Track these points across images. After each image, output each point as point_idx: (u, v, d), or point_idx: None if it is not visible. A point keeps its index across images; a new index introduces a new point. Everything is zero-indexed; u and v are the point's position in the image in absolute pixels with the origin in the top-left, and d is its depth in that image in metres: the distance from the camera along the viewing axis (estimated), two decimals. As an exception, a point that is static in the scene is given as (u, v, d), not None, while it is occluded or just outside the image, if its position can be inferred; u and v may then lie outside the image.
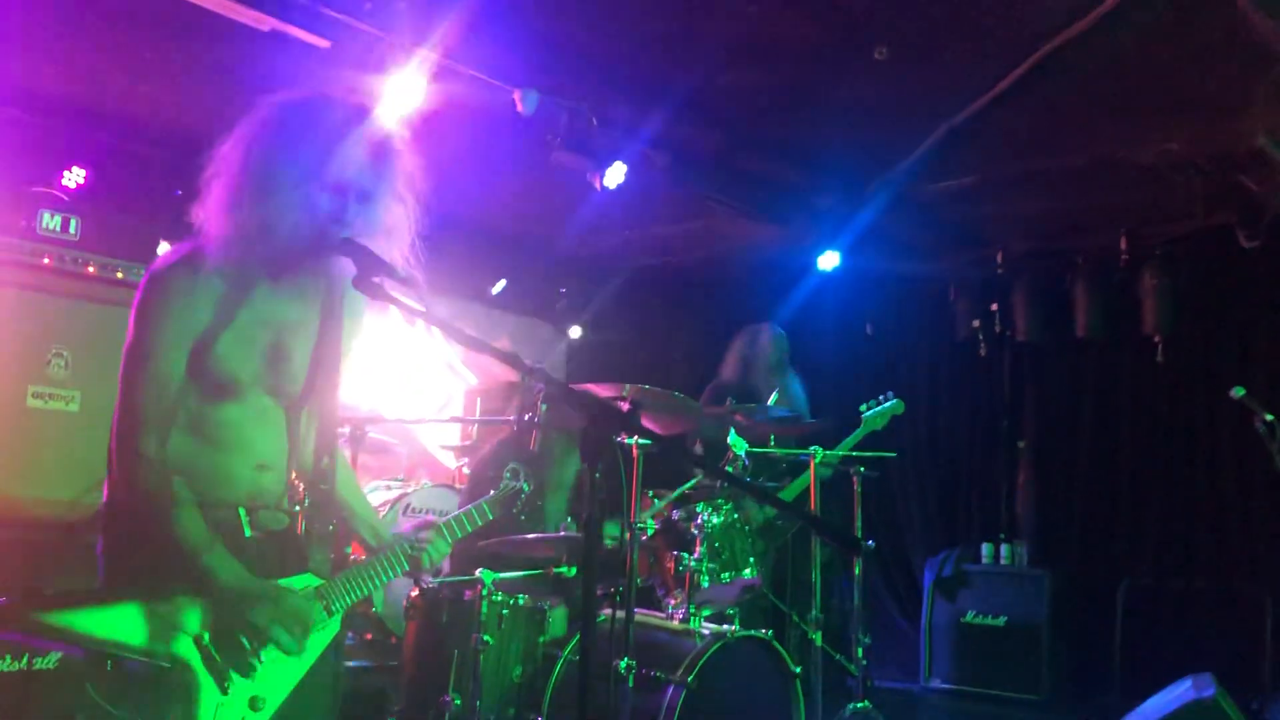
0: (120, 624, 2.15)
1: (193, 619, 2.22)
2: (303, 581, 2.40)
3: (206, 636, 2.22)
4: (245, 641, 2.25)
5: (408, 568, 2.62)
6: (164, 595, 2.20)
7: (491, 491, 2.98)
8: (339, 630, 2.48)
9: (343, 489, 2.57)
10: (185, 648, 2.21)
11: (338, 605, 2.44)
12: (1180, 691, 4.18)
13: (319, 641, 2.40)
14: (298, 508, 2.43)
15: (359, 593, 2.49)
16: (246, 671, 2.26)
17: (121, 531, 2.32)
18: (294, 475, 2.45)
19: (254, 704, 2.27)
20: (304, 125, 2.35)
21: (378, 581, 2.55)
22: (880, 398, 5.49)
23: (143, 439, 2.26)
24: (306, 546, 2.43)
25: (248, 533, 2.37)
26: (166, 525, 2.24)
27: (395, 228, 2.44)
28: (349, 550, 2.79)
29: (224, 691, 2.23)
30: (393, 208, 2.43)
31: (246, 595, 2.25)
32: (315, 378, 2.46)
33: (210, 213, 2.32)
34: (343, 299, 2.48)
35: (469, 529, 2.79)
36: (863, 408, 5.47)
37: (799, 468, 5.35)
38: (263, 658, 2.28)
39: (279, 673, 2.32)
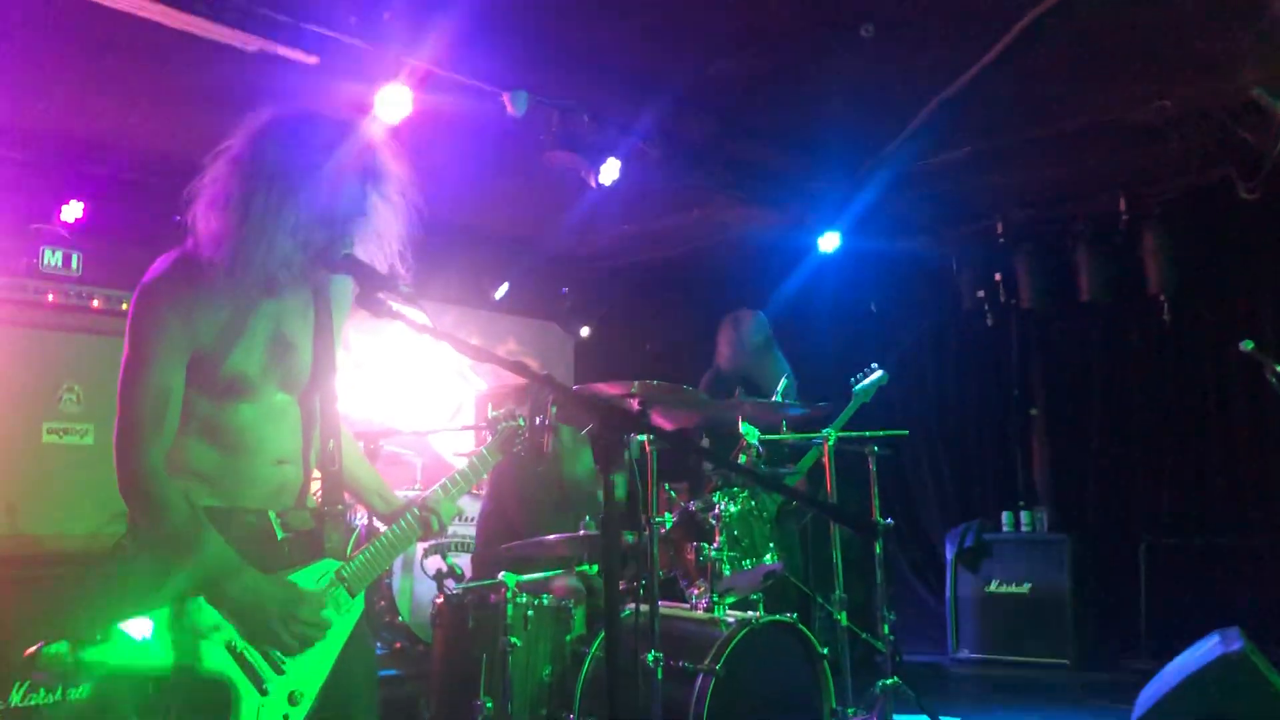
0: (152, 647, 2.15)
1: (222, 623, 2.23)
2: (321, 568, 2.41)
3: (237, 639, 2.23)
4: (271, 641, 2.26)
5: (420, 532, 2.63)
6: (189, 607, 2.21)
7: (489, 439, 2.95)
8: (364, 609, 2.49)
9: (348, 463, 2.59)
10: (219, 657, 2.21)
11: (359, 585, 2.45)
12: (1209, 647, 4.19)
13: (345, 624, 2.41)
14: (319, 499, 2.46)
15: (378, 568, 2.51)
16: (280, 668, 2.27)
17: (143, 552, 2.32)
18: (312, 465, 2.48)
19: (292, 699, 2.28)
20: (295, 142, 2.35)
21: (394, 552, 2.58)
22: (865, 370, 5.50)
23: (145, 449, 2.25)
24: (322, 530, 2.45)
25: (280, 534, 2.39)
26: (175, 532, 2.24)
27: (386, 231, 2.45)
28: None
29: (263, 693, 2.24)
30: (382, 212, 2.44)
31: (263, 598, 2.25)
32: (319, 365, 2.48)
33: (203, 232, 2.32)
34: (329, 283, 2.50)
35: (475, 480, 2.80)
36: (852, 381, 5.49)
37: (804, 450, 5.36)
38: (291, 653, 2.30)
39: (311, 663, 2.33)
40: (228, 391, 2.34)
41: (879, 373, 5.46)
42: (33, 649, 2.07)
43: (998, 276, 7.67)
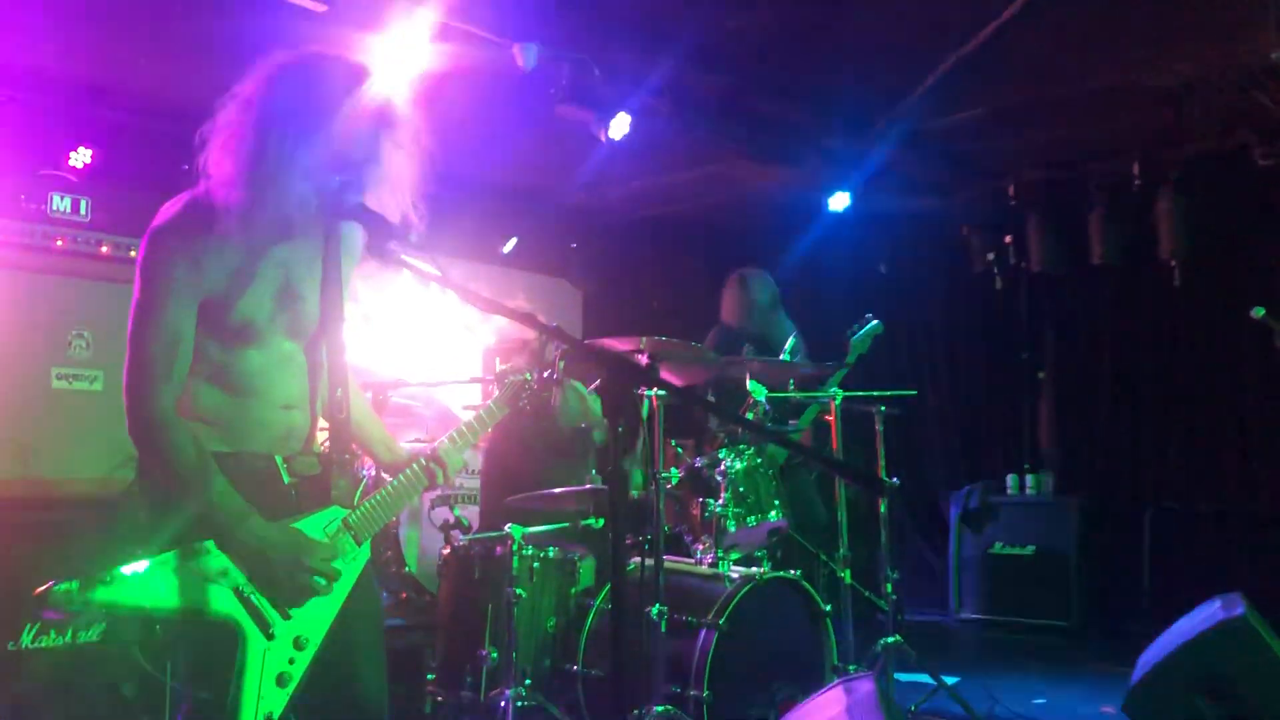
0: (161, 589, 2.17)
1: (230, 568, 2.24)
2: (328, 516, 2.42)
3: (244, 584, 2.25)
4: (277, 588, 2.28)
5: (426, 483, 2.64)
6: (198, 550, 2.22)
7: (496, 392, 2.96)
8: (370, 557, 2.50)
9: (355, 413, 2.59)
10: (226, 600, 2.23)
11: (365, 533, 2.47)
12: (1209, 612, 4.20)
13: (351, 571, 2.42)
14: (326, 447, 2.46)
15: (384, 517, 2.52)
16: (286, 614, 2.29)
17: (153, 495, 2.33)
18: (318, 411, 2.49)
19: (298, 644, 2.30)
20: (309, 85, 2.33)
21: (400, 502, 2.59)
22: (860, 321, 5.49)
23: (155, 393, 2.25)
24: (329, 477, 2.45)
25: (286, 479, 2.40)
26: (184, 475, 2.25)
27: (398, 180, 2.44)
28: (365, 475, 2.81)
29: (269, 637, 2.26)
30: (395, 159, 2.43)
31: (268, 545, 2.26)
32: (326, 314, 2.48)
33: (216, 176, 2.30)
34: (339, 232, 2.49)
35: (481, 433, 2.81)
36: (848, 333, 5.48)
37: (804, 406, 5.36)
38: (298, 601, 2.31)
39: (317, 609, 2.34)
40: (236, 337, 2.34)
41: (873, 322, 5.46)
42: (42, 588, 2.09)
43: (1008, 239, 7.63)
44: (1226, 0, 4.79)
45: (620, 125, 5.47)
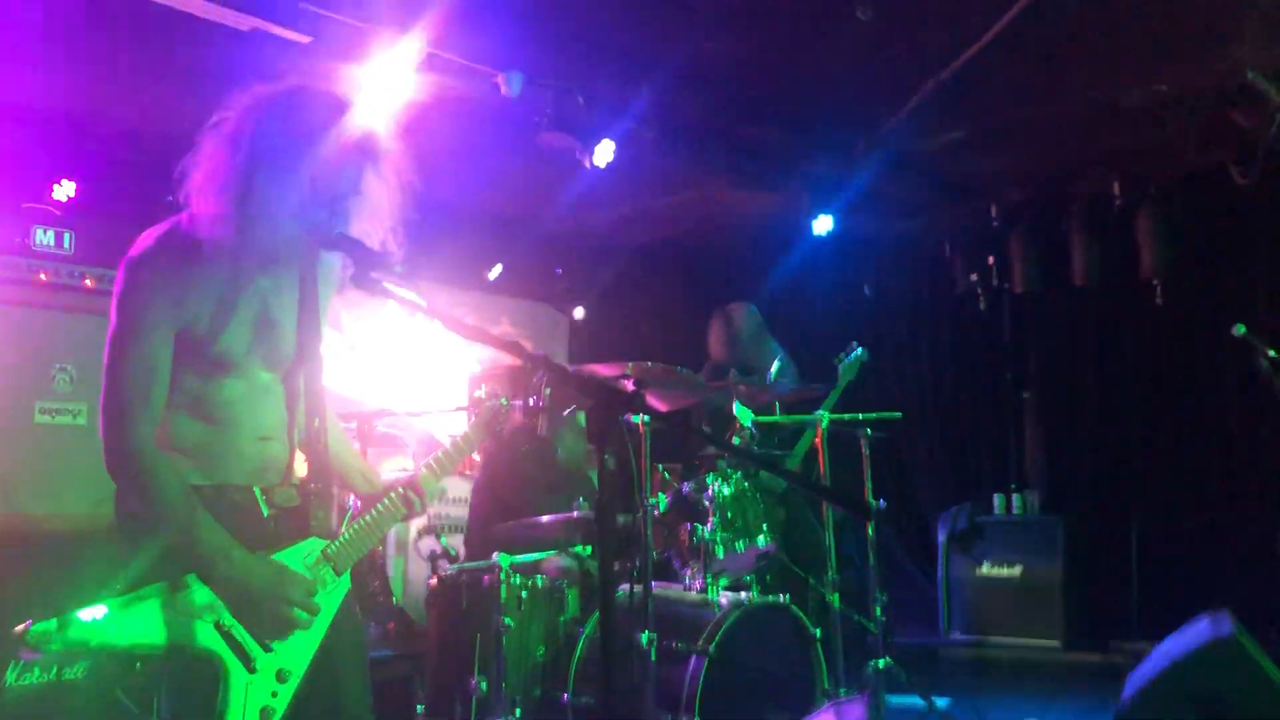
0: (142, 625, 2.15)
1: (215, 603, 2.23)
2: (307, 547, 2.41)
3: (226, 617, 2.23)
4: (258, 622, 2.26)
5: (405, 512, 2.63)
6: (179, 585, 2.21)
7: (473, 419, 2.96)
8: (349, 587, 2.49)
9: (332, 443, 2.59)
10: (208, 635, 2.22)
11: (345, 563, 2.45)
12: (1198, 630, 4.20)
13: (332, 602, 2.41)
14: (306, 480, 2.45)
15: (364, 547, 2.51)
16: (268, 646, 2.28)
17: (131, 529, 2.31)
18: (295, 442, 2.48)
19: (280, 676, 2.28)
20: (292, 119, 2.33)
21: (378, 532, 2.57)
22: (847, 349, 5.55)
23: (133, 424, 2.24)
24: (308, 508, 2.44)
25: (265, 511, 2.39)
26: (166, 508, 2.23)
27: (378, 209, 2.44)
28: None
29: (251, 671, 2.24)
30: (376, 189, 2.43)
31: (251, 578, 2.25)
32: (303, 344, 2.47)
33: (198, 208, 2.30)
34: (317, 261, 2.49)
35: (458, 460, 2.80)
36: (835, 361, 5.53)
37: (800, 432, 5.38)
38: (283, 635, 2.30)
39: (299, 642, 2.33)
40: (214, 367, 2.34)
41: (859, 350, 5.53)
42: (21, 627, 2.07)
43: (991, 259, 7.68)
44: (1202, 22, 4.85)
45: (605, 152, 5.49)
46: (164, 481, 2.25)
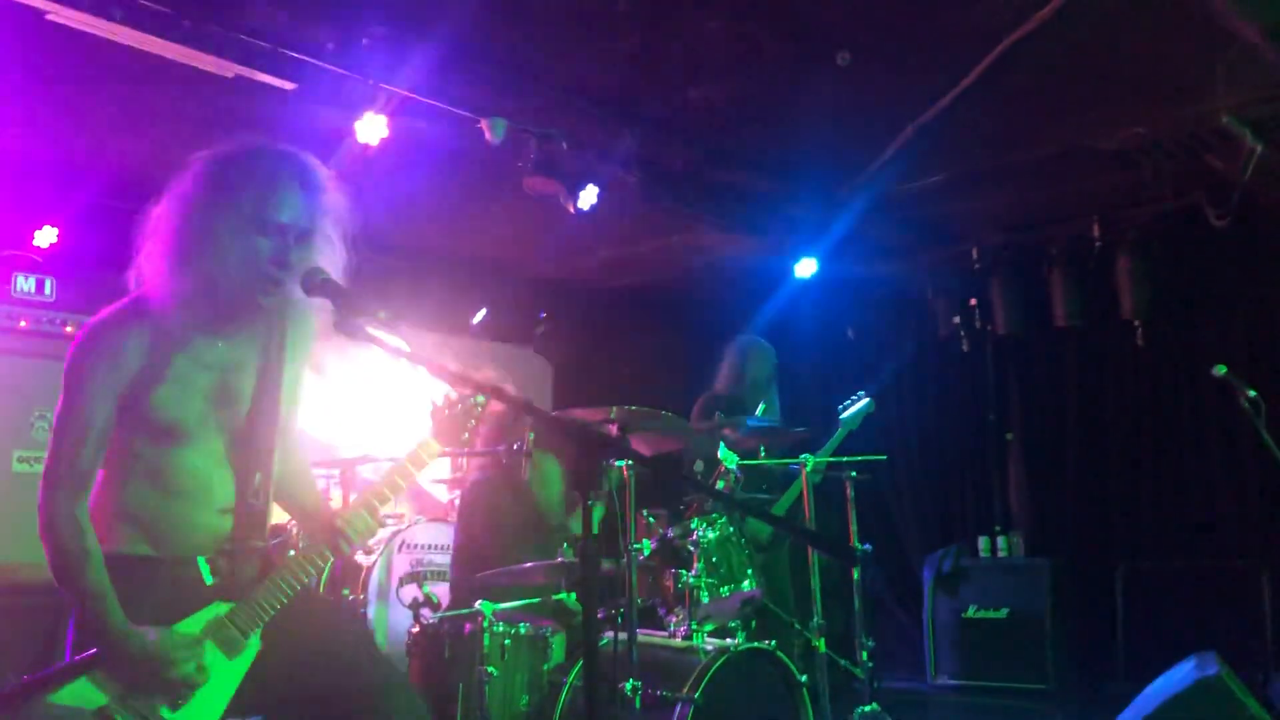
0: (88, 695, 2.18)
1: (102, 700, 2.22)
2: (209, 613, 2.37)
3: (114, 711, 2.22)
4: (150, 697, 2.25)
5: (330, 557, 2.53)
6: (85, 663, 2.21)
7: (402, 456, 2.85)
8: (260, 648, 2.43)
9: (294, 488, 2.59)
10: None
11: (249, 626, 2.40)
12: (1185, 672, 4.19)
13: (238, 666, 2.38)
14: (238, 538, 2.43)
15: (273, 606, 2.43)
16: (171, 712, 2.26)
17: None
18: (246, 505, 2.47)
19: None
20: (236, 176, 2.35)
21: (293, 585, 2.46)
22: (853, 398, 5.54)
23: (58, 494, 2.25)
24: (231, 570, 2.41)
25: (209, 580, 2.38)
26: (76, 580, 2.23)
27: (331, 263, 2.45)
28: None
29: None
30: (331, 238, 2.44)
31: (134, 650, 2.24)
32: (257, 407, 2.46)
33: (150, 275, 2.32)
34: (285, 323, 2.49)
35: (389, 491, 2.67)
36: (839, 410, 5.53)
37: (791, 478, 5.36)
38: (174, 704, 2.28)
39: (200, 709, 2.30)
40: (166, 435, 2.33)
41: (866, 400, 5.50)
42: None
43: (973, 302, 7.72)
44: (1177, 67, 4.92)
45: (588, 197, 5.52)
46: (67, 550, 2.24)
